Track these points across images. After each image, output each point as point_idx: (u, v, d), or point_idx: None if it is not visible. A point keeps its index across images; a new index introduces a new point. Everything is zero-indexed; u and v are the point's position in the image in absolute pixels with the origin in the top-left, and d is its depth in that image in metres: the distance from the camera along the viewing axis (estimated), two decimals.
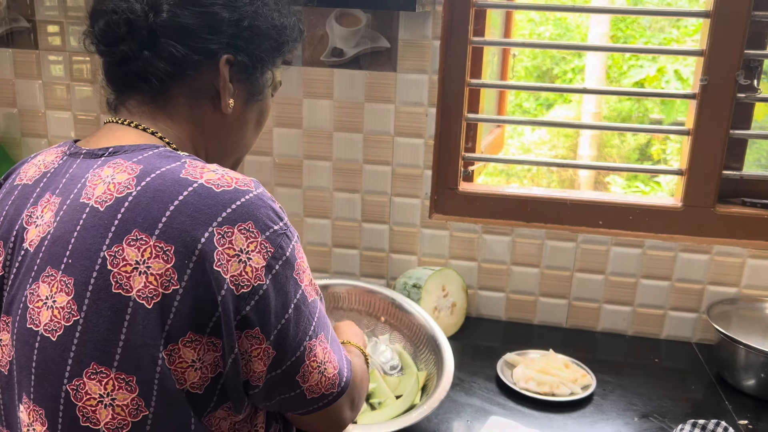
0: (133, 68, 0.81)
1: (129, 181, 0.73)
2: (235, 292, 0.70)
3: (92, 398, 0.70)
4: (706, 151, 1.49)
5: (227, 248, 0.70)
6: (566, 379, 1.31)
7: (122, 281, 0.69)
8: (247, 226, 0.71)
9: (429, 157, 1.58)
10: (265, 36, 0.85)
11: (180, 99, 0.83)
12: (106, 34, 0.80)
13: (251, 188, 0.74)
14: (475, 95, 1.65)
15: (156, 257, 0.69)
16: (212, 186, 0.72)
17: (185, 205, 0.70)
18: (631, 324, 1.59)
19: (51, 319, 0.72)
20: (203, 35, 0.80)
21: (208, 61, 0.81)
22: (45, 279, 0.73)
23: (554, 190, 1.94)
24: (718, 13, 1.41)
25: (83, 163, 0.79)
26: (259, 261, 0.71)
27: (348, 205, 1.64)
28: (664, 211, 1.54)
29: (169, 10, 0.79)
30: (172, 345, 0.70)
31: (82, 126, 1.71)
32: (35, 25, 1.66)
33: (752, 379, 1.33)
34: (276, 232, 0.74)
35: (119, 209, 0.71)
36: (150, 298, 0.69)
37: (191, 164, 0.75)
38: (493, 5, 1.57)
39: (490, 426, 1.18)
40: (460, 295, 1.55)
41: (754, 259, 1.50)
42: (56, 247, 0.73)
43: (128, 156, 0.77)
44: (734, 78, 1.43)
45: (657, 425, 1.23)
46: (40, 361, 0.72)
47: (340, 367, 0.82)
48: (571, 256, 1.57)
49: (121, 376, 0.70)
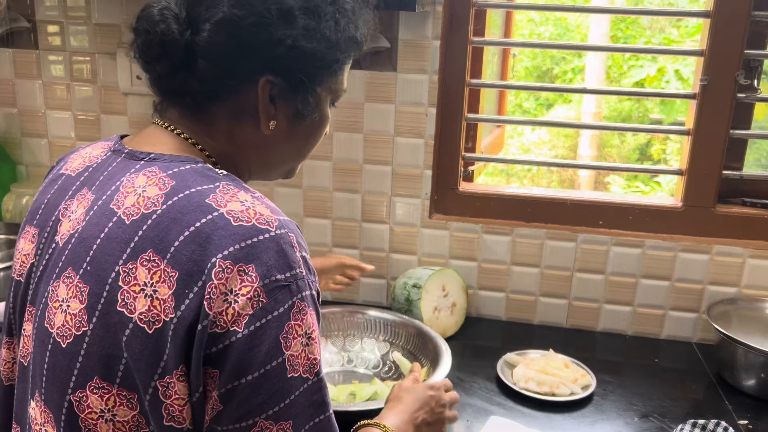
0: (171, 85, 0.80)
1: (157, 198, 0.71)
2: (208, 329, 0.65)
3: (93, 412, 0.69)
4: (706, 151, 1.49)
5: (221, 283, 0.66)
6: (566, 379, 1.31)
7: (128, 300, 0.67)
8: (248, 268, 0.66)
9: (429, 157, 1.58)
10: (309, 57, 0.79)
11: (220, 116, 0.81)
12: (143, 52, 0.78)
13: (271, 228, 0.69)
14: (475, 95, 1.65)
15: (163, 282, 0.66)
16: (231, 218, 0.68)
17: (199, 232, 0.67)
18: (631, 324, 1.59)
19: (63, 323, 0.71)
20: (241, 57, 0.77)
21: (246, 82, 0.78)
22: (65, 279, 0.72)
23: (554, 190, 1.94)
24: (718, 13, 1.41)
25: (122, 163, 0.78)
26: (245, 307, 0.66)
27: (348, 205, 1.64)
28: (664, 211, 1.54)
29: (208, 29, 0.76)
30: (168, 377, 0.67)
31: (82, 126, 1.71)
32: (35, 25, 1.66)
33: (752, 379, 1.33)
34: (277, 283, 0.67)
35: (142, 226, 0.69)
36: (151, 323, 0.66)
37: (223, 189, 0.72)
38: (493, 5, 1.57)
39: (490, 426, 1.18)
40: (460, 294, 1.55)
41: (754, 259, 1.50)
42: (80, 248, 0.72)
43: (165, 166, 0.75)
44: (734, 78, 1.43)
45: (657, 425, 1.23)
46: (50, 365, 0.72)
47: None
48: (571, 256, 1.57)
49: (122, 392, 0.68)
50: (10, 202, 1.68)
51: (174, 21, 0.76)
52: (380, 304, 1.66)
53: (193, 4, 0.78)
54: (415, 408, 0.99)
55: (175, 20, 0.76)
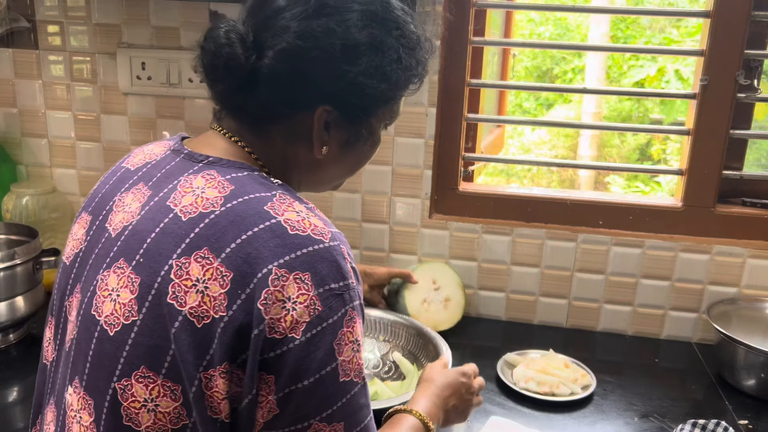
0: (231, 102, 0.82)
1: (216, 200, 0.73)
2: (266, 334, 0.68)
3: (137, 401, 0.70)
4: (706, 151, 1.49)
5: (278, 290, 0.68)
6: (566, 379, 1.31)
7: (179, 294, 0.69)
8: (304, 276, 0.69)
9: (429, 157, 1.58)
10: (368, 94, 0.80)
11: (276, 136, 0.83)
12: (207, 71, 0.81)
13: (324, 240, 0.72)
14: (475, 95, 1.65)
15: (215, 280, 0.69)
16: (287, 227, 0.71)
17: (257, 237, 0.70)
18: (631, 324, 1.59)
19: (112, 312, 0.72)
20: (301, 87, 0.79)
21: (304, 110, 0.80)
22: (116, 270, 0.74)
23: (554, 190, 1.94)
24: (718, 13, 1.41)
25: (181, 163, 0.80)
26: (302, 315, 0.69)
27: (348, 205, 1.64)
28: (664, 211, 1.54)
29: (272, 57, 0.77)
30: (212, 370, 0.69)
31: (82, 126, 1.71)
32: (35, 25, 1.66)
33: (752, 379, 1.33)
34: (331, 291, 0.70)
35: (199, 224, 0.72)
36: (200, 318, 0.68)
37: (280, 198, 0.74)
38: (493, 5, 1.57)
39: (490, 426, 1.18)
40: (456, 290, 1.54)
41: (754, 259, 1.50)
42: (133, 241, 0.74)
43: (224, 171, 0.77)
44: (734, 78, 1.43)
45: (657, 425, 1.23)
46: (96, 352, 0.73)
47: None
48: (571, 256, 1.57)
49: (167, 383, 0.70)
50: (10, 202, 1.68)
51: (240, 44, 0.77)
52: None
53: (261, 29, 0.78)
54: (447, 393, 1.03)
55: (241, 43, 0.77)
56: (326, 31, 0.77)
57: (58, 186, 1.75)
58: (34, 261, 1.40)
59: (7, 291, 1.36)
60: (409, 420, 0.94)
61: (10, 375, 1.31)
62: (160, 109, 1.67)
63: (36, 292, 1.42)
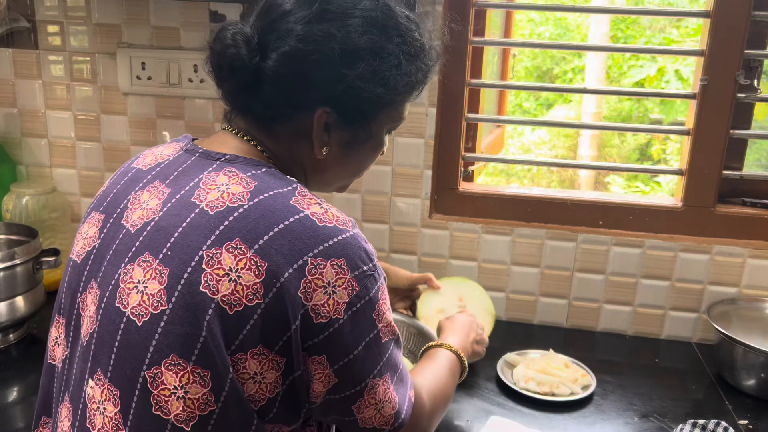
0: (237, 102, 0.87)
1: (243, 194, 0.77)
2: (313, 320, 0.74)
3: (167, 389, 0.73)
4: (706, 151, 1.49)
5: (316, 278, 0.74)
6: (566, 379, 1.31)
7: (211, 282, 0.73)
8: (340, 262, 0.76)
9: (429, 157, 1.58)
10: (366, 97, 0.83)
11: (282, 136, 0.86)
12: (214, 70, 0.85)
13: (348, 228, 0.78)
14: (475, 95, 1.65)
15: (248, 269, 0.73)
16: (316, 219, 0.77)
17: (289, 230, 0.75)
18: (631, 324, 1.59)
19: (139, 303, 0.75)
20: (302, 89, 0.82)
21: (305, 111, 0.83)
22: (141, 263, 0.76)
23: (554, 190, 1.94)
24: (718, 13, 1.41)
25: (198, 161, 0.84)
26: (343, 296, 0.76)
27: (348, 205, 1.64)
28: (664, 211, 1.54)
29: (275, 59, 0.81)
30: (241, 354, 0.73)
31: (82, 126, 1.71)
32: (35, 25, 1.66)
33: (752, 379, 1.33)
34: (364, 273, 0.78)
35: (228, 216, 0.75)
36: (233, 306, 0.72)
37: (300, 192, 0.79)
38: (493, 5, 1.57)
39: (490, 426, 1.18)
40: (483, 316, 1.43)
41: (754, 259, 1.50)
42: (158, 235, 0.77)
43: (243, 168, 0.81)
44: (734, 78, 1.43)
45: (657, 425, 1.23)
46: (123, 342, 0.75)
47: (399, 409, 0.84)
48: (571, 256, 1.57)
49: (197, 370, 0.72)
50: (10, 202, 1.67)
51: (245, 46, 0.81)
52: None
53: (265, 31, 0.82)
54: (466, 329, 1.20)
55: (246, 45, 0.81)
56: (326, 35, 0.80)
57: (58, 186, 1.75)
58: (34, 261, 1.40)
59: (7, 291, 1.36)
60: (444, 353, 1.08)
61: (10, 375, 1.31)
62: (160, 109, 1.67)
63: (36, 292, 1.42)
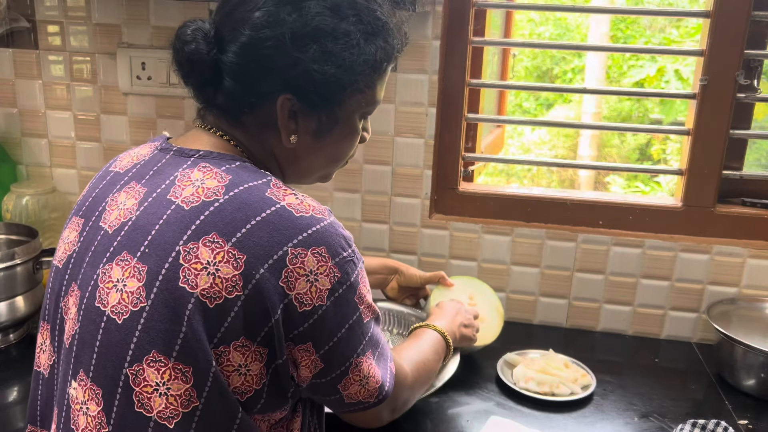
0: (204, 98, 0.88)
1: (218, 189, 0.77)
2: (297, 309, 0.75)
3: (149, 385, 0.73)
4: (706, 151, 1.49)
5: (298, 267, 0.75)
6: (566, 379, 1.31)
7: (190, 277, 0.73)
8: (320, 250, 0.77)
9: (429, 157, 1.58)
10: (322, 80, 0.82)
11: (251, 127, 0.87)
12: (177, 67, 0.86)
13: (325, 217, 0.79)
14: (475, 95, 1.65)
15: (227, 262, 0.73)
16: (292, 210, 0.77)
17: (266, 222, 0.75)
18: (631, 324, 1.59)
19: (119, 301, 0.75)
20: (260, 77, 0.82)
21: (267, 100, 0.83)
22: (119, 262, 0.77)
23: (554, 190, 1.94)
24: (718, 13, 1.41)
25: (173, 159, 0.84)
26: (325, 283, 0.77)
27: (348, 205, 1.64)
28: (664, 211, 1.54)
29: (231, 49, 0.82)
30: (224, 347, 0.74)
31: (82, 126, 1.71)
32: (35, 25, 1.66)
33: (752, 379, 1.33)
34: (345, 258, 0.79)
35: (203, 211, 0.76)
36: (213, 299, 0.73)
37: (275, 185, 0.80)
38: (493, 5, 1.57)
39: (490, 426, 1.18)
40: (493, 316, 1.42)
41: (754, 259, 1.50)
42: (136, 234, 0.77)
43: (217, 163, 0.81)
44: (734, 78, 1.43)
45: (657, 425, 1.23)
46: (104, 341, 0.75)
47: (382, 382, 0.87)
48: (571, 256, 1.57)
49: (178, 366, 0.73)
50: (10, 202, 1.68)
51: (203, 41, 0.82)
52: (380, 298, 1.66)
53: (221, 24, 0.84)
54: (454, 312, 1.24)
55: (204, 40, 0.82)
56: (277, 21, 0.80)
57: (58, 186, 1.75)
58: (34, 261, 1.40)
59: (7, 291, 1.36)
60: (431, 333, 1.13)
61: (10, 375, 1.31)
62: (160, 109, 1.67)
63: (36, 292, 1.42)
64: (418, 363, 1.02)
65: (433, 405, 1.25)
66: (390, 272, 1.41)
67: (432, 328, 1.14)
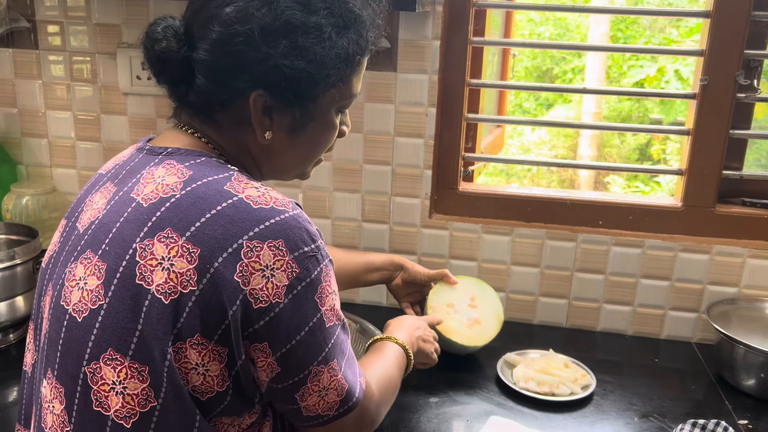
0: (177, 96, 0.86)
1: (176, 184, 0.77)
2: (252, 305, 0.73)
3: (106, 384, 0.73)
4: (706, 151, 1.49)
5: (253, 261, 0.72)
6: (566, 379, 1.31)
7: (145, 274, 0.72)
8: (277, 243, 0.74)
9: (429, 157, 1.58)
10: (293, 75, 0.80)
11: (223, 124, 0.85)
12: (149, 67, 0.84)
13: (288, 209, 0.77)
14: (475, 95, 1.65)
15: (181, 256, 0.72)
16: (250, 202, 0.75)
17: (221, 215, 0.74)
18: (631, 324, 1.59)
19: (80, 299, 0.75)
20: (231, 74, 0.81)
21: (240, 96, 0.82)
22: (83, 261, 0.77)
23: (554, 190, 1.94)
24: (718, 13, 1.41)
25: (143, 158, 0.84)
26: (282, 279, 0.74)
27: (348, 205, 1.64)
28: (664, 211, 1.54)
29: (203, 48, 0.80)
30: (180, 343, 0.72)
31: (82, 126, 1.71)
32: (35, 25, 1.66)
33: (752, 379, 1.33)
34: (305, 254, 0.76)
35: (160, 207, 0.75)
36: (168, 294, 0.72)
37: (237, 178, 0.78)
38: (493, 5, 1.57)
39: (490, 426, 1.18)
40: (491, 321, 1.41)
41: (754, 259, 1.50)
42: (99, 233, 0.78)
43: (182, 159, 0.81)
44: (734, 78, 1.43)
45: (657, 425, 1.23)
46: (66, 340, 0.76)
47: (348, 395, 0.82)
48: (571, 256, 1.57)
49: (134, 365, 0.72)
50: (10, 202, 1.68)
51: (174, 39, 0.81)
52: (379, 304, 1.66)
53: (191, 21, 0.82)
54: (412, 327, 1.18)
55: (175, 38, 0.81)
56: (246, 16, 0.78)
57: (58, 186, 1.75)
58: (34, 261, 1.40)
59: (7, 291, 1.36)
60: (392, 346, 1.08)
61: (10, 375, 1.31)
62: (160, 109, 1.67)
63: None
64: (383, 380, 0.96)
65: (433, 405, 1.25)
66: (395, 269, 1.41)
67: (393, 340, 1.09)
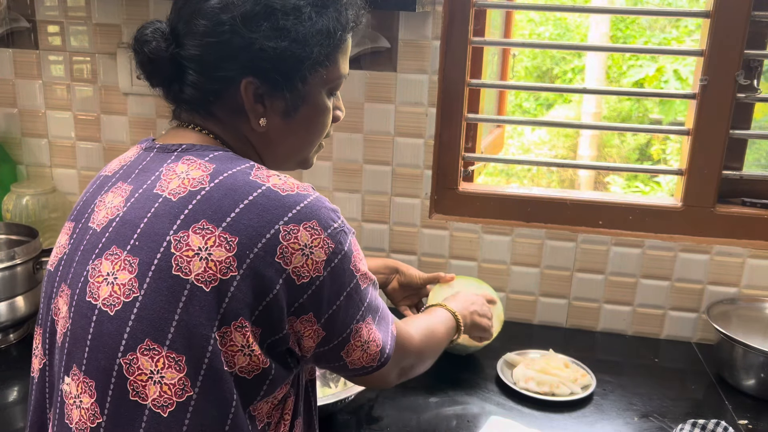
0: (171, 95, 0.88)
1: (203, 178, 0.79)
2: (296, 282, 0.77)
3: (143, 373, 0.74)
4: (706, 151, 1.49)
5: (292, 243, 0.77)
6: (566, 379, 1.31)
7: (182, 264, 0.74)
8: (312, 224, 0.78)
9: (429, 157, 1.58)
10: (278, 56, 0.82)
11: (221, 117, 0.87)
12: (140, 69, 0.87)
13: (310, 193, 0.81)
14: (475, 95, 1.65)
15: (219, 246, 0.75)
16: (278, 190, 0.79)
17: (254, 204, 0.77)
18: (631, 324, 1.59)
19: (110, 294, 0.76)
20: (220, 64, 0.83)
21: (231, 85, 0.84)
22: (108, 257, 0.78)
23: (554, 190, 1.94)
24: (718, 13, 1.41)
25: (157, 156, 0.85)
26: (320, 255, 0.79)
27: (348, 205, 1.64)
28: (664, 211, 1.54)
29: (188, 43, 0.83)
30: (225, 327, 0.75)
31: (82, 126, 1.71)
32: (35, 25, 1.66)
33: (752, 379, 1.33)
34: (336, 230, 0.81)
35: (191, 200, 0.77)
36: (208, 282, 0.74)
37: (258, 168, 0.82)
38: (493, 5, 1.57)
39: (490, 426, 1.18)
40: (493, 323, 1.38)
41: (754, 259, 1.50)
42: (124, 229, 0.79)
43: (200, 154, 0.83)
44: (734, 78, 1.43)
45: (657, 425, 1.23)
46: (96, 334, 0.76)
47: (383, 346, 0.89)
48: (571, 256, 1.57)
49: (171, 354, 0.74)
50: (10, 202, 1.68)
51: (162, 39, 0.84)
52: None
53: (175, 20, 0.86)
54: (470, 301, 1.24)
55: (162, 37, 0.84)
56: (228, 5, 0.81)
57: (58, 186, 1.75)
58: (34, 261, 1.40)
59: (7, 291, 1.36)
60: (440, 309, 1.15)
61: (10, 375, 1.31)
62: (160, 109, 1.67)
63: (36, 292, 1.42)
64: (425, 329, 1.03)
65: (433, 405, 1.25)
66: (391, 272, 1.41)
67: (444, 307, 1.16)
